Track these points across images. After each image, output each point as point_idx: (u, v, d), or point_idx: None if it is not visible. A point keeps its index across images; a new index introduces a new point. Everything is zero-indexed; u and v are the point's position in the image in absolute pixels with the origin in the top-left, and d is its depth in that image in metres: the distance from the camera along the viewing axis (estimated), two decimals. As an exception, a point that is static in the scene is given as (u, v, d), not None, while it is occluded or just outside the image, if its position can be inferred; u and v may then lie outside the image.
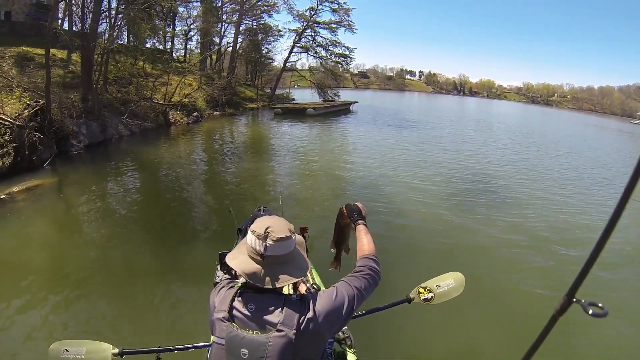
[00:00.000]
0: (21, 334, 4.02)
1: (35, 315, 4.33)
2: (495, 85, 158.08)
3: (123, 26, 18.73)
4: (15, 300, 4.59)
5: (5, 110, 10.33)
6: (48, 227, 6.96)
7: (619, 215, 0.71)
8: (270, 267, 1.53)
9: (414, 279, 3.04)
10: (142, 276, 5.38)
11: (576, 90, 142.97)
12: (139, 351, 2.30)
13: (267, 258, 1.52)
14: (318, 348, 1.57)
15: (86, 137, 13.07)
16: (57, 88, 13.67)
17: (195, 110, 21.65)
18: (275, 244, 1.52)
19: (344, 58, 38.74)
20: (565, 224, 8.61)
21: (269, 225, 1.54)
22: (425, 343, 4.27)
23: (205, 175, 11.36)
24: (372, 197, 9.34)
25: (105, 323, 4.30)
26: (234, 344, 1.46)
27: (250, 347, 1.44)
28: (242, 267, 1.55)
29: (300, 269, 1.61)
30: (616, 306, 5.22)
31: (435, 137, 21.81)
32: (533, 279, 5.89)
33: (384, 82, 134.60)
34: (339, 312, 1.57)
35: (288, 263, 1.57)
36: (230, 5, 33.03)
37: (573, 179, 13.86)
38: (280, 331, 1.44)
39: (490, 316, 4.87)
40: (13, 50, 16.33)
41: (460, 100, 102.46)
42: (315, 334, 1.51)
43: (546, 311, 0.85)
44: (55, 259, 5.75)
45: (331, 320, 1.55)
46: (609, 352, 4.43)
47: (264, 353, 1.43)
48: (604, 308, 0.77)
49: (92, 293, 4.85)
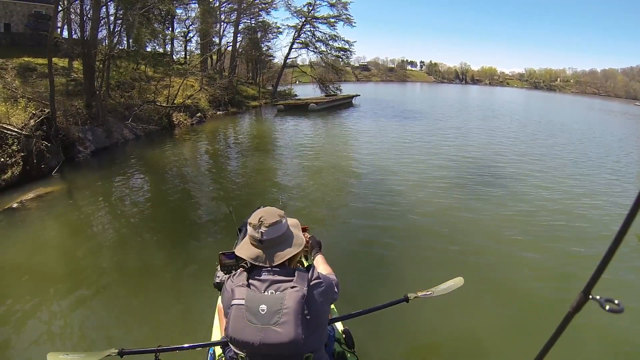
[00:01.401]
0: (32, 336, 4.13)
1: (44, 317, 4.46)
2: (498, 72, 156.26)
3: (123, 32, 18.79)
4: (29, 302, 4.72)
5: (12, 121, 10.49)
6: (60, 232, 7.09)
7: (636, 212, 0.72)
8: (269, 249, 1.80)
9: (419, 274, 3.07)
10: (142, 276, 5.43)
11: (579, 74, 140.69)
12: (139, 351, 2.32)
13: (265, 242, 1.80)
14: (323, 311, 1.78)
15: (92, 143, 13.22)
16: (60, 96, 13.81)
17: (199, 111, 21.76)
18: (269, 229, 1.80)
19: (344, 52, 38.63)
20: (580, 218, 8.18)
21: (261, 215, 1.84)
22: (426, 343, 4.24)
23: (210, 176, 11.44)
24: (378, 193, 9.33)
25: (106, 323, 4.37)
26: (253, 302, 1.66)
27: (268, 303, 1.64)
28: (247, 253, 1.83)
29: (295, 245, 1.88)
30: (630, 300, 5.00)
31: (440, 128, 21.52)
32: (542, 275, 5.70)
33: (386, 74, 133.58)
34: (333, 287, 1.88)
35: (283, 243, 1.84)
36: (228, 5, 33.06)
37: (587, 167, 13.29)
38: (294, 287, 1.67)
39: (495, 314, 4.76)
40: (15, 61, 16.52)
41: (463, 88, 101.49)
42: (321, 297, 1.75)
43: (554, 308, 0.87)
44: (67, 263, 5.84)
45: (330, 290, 1.83)
46: (620, 347, 4.31)
47: (280, 306, 1.63)
48: (620, 304, 0.77)
49: (94, 294, 4.94)
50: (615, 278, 5.53)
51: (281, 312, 1.61)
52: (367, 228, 7.29)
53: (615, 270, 5.76)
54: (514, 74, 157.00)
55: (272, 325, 1.60)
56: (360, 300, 4.42)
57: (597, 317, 0.76)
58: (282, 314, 1.61)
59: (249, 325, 1.62)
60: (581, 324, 4.06)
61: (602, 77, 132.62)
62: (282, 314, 1.61)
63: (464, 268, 5.38)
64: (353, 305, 1.93)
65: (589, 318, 4.10)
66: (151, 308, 4.70)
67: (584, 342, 4.16)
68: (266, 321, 1.61)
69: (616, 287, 5.36)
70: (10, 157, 9.55)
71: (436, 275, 2.95)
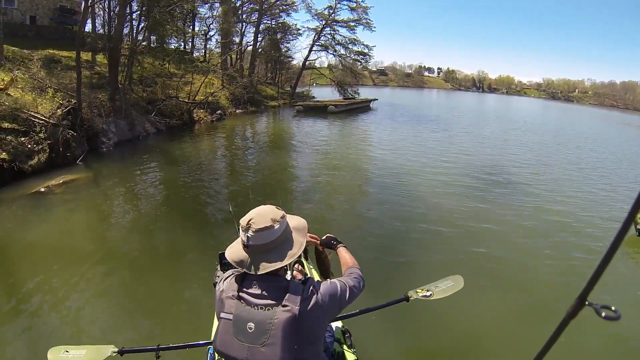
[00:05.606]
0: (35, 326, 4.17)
1: (47, 306, 4.50)
2: (515, 81, 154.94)
3: (147, 28, 19.02)
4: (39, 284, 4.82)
5: (39, 110, 10.66)
6: (86, 217, 7.22)
7: (631, 221, 0.71)
8: (254, 256, 1.64)
9: (419, 274, 3.01)
10: (143, 276, 5.41)
11: (598, 85, 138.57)
12: (139, 350, 2.32)
13: (250, 247, 1.63)
14: (318, 328, 1.66)
15: (115, 135, 13.39)
16: (85, 88, 14.00)
17: (219, 109, 21.96)
18: (255, 234, 1.61)
19: (363, 56, 38.75)
20: (589, 226, 7.99)
21: (252, 217, 1.65)
22: (426, 343, 4.20)
23: (225, 174, 11.44)
24: (384, 194, 9.30)
25: (106, 321, 4.33)
26: (241, 318, 1.56)
27: (256, 321, 1.53)
28: (232, 255, 1.69)
29: (282, 256, 1.67)
30: (627, 305, 4.99)
31: (457, 135, 21.07)
32: (544, 277, 5.69)
33: (403, 80, 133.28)
34: (336, 297, 1.70)
35: (270, 251, 1.65)
36: (249, 5, 33.33)
37: (595, 178, 12.84)
38: (285, 306, 1.54)
39: (496, 314, 4.73)
40: (40, 53, 16.90)
41: (480, 97, 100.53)
42: (316, 314, 1.60)
43: (555, 309, 0.83)
44: (81, 248, 5.93)
45: (329, 303, 1.66)
46: (619, 352, 4.25)
47: (269, 326, 1.51)
48: (617, 311, 0.75)
49: (96, 292, 4.86)
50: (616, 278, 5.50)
51: (269, 332, 1.51)
52: (368, 227, 7.27)
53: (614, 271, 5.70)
54: (531, 84, 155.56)
55: (258, 346, 1.52)
56: (360, 299, 4.39)
57: (596, 317, 0.74)
58: (269, 335, 1.51)
59: (236, 342, 1.56)
60: (581, 324, 4.00)
61: (621, 89, 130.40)
62: (269, 335, 1.51)
63: (465, 268, 5.34)
64: (353, 305, 1.85)
65: (589, 319, 4.10)
66: (151, 307, 4.66)
67: (584, 342, 4.09)
68: (253, 340, 1.53)
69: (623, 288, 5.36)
70: (37, 144, 9.70)
71: (437, 275, 2.89)
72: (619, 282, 5.55)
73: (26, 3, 23.57)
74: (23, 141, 9.50)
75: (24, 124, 9.94)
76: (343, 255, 2.13)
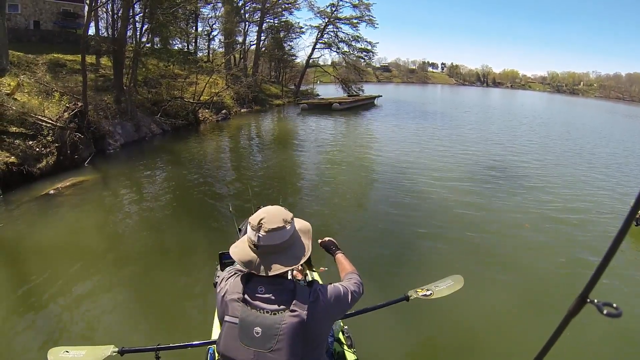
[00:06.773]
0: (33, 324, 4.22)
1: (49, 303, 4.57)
2: (519, 75, 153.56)
3: (151, 30, 19.10)
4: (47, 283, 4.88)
5: (46, 114, 10.73)
6: (94, 218, 7.25)
7: (632, 219, 0.71)
8: (264, 256, 1.61)
9: (420, 274, 3.00)
10: (143, 275, 5.42)
11: (603, 78, 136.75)
12: (139, 349, 2.31)
13: (261, 248, 1.60)
14: (323, 331, 1.65)
15: (122, 137, 13.47)
16: (90, 91, 14.07)
17: (224, 108, 22.03)
18: (267, 234, 1.59)
19: (366, 53, 38.63)
20: (592, 224, 7.85)
21: (263, 217, 1.62)
22: (426, 342, 4.19)
23: (231, 174, 11.36)
24: (386, 192, 9.28)
25: (106, 320, 4.35)
26: (247, 323, 1.53)
27: (264, 326, 1.51)
28: (239, 255, 1.65)
29: (294, 258, 1.66)
30: (628, 303, 4.95)
31: (462, 131, 20.88)
32: (544, 276, 5.63)
33: (407, 76, 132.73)
34: (340, 301, 1.70)
35: (281, 252, 1.63)
36: (251, 4, 33.37)
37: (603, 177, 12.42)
38: (293, 311, 1.52)
39: (496, 313, 4.69)
40: (45, 57, 16.98)
41: (484, 91, 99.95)
42: (324, 317, 1.60)
43: (556, 307, 0.82)
44: (87, 249, 5.97)
45: (335, 307, 1.67)
46: (621, 348, 4.20)
47: (277, 331, 1.49)
48: (618, 308, 0.75)
49: (98, 290, 4.92)
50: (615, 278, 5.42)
51: (277, 338, 1.49)
52: (370, 226, 7.27)
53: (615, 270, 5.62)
54: (536, 77, 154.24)
55: (266, 351, 1.50)
56: (360, 299, 4.39)
57: (597, 315, 0.73)
58: (277, 340, 1.49)
59: (242, 346, 1.53)
60: (583, 321, 3.95)
61: (627, 81, 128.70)
62: (277, 340, 1.49)
63: (465, 268, 5.26)
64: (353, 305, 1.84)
65: (590, 317, 4.05)
66: (151, 307, 4.66)
67: (584, 342, 4.05)
68: (260, 345, 1.50)
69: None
70: (45, 147, 9.77)
71: (438, 275, 2.89)
72: (619, 276, 5.53)
73: (29, 8, 23.81)
74: (31, 145, 9.57)
75: (32, 128, 10.00)
76: (341, 261, 2.14)
